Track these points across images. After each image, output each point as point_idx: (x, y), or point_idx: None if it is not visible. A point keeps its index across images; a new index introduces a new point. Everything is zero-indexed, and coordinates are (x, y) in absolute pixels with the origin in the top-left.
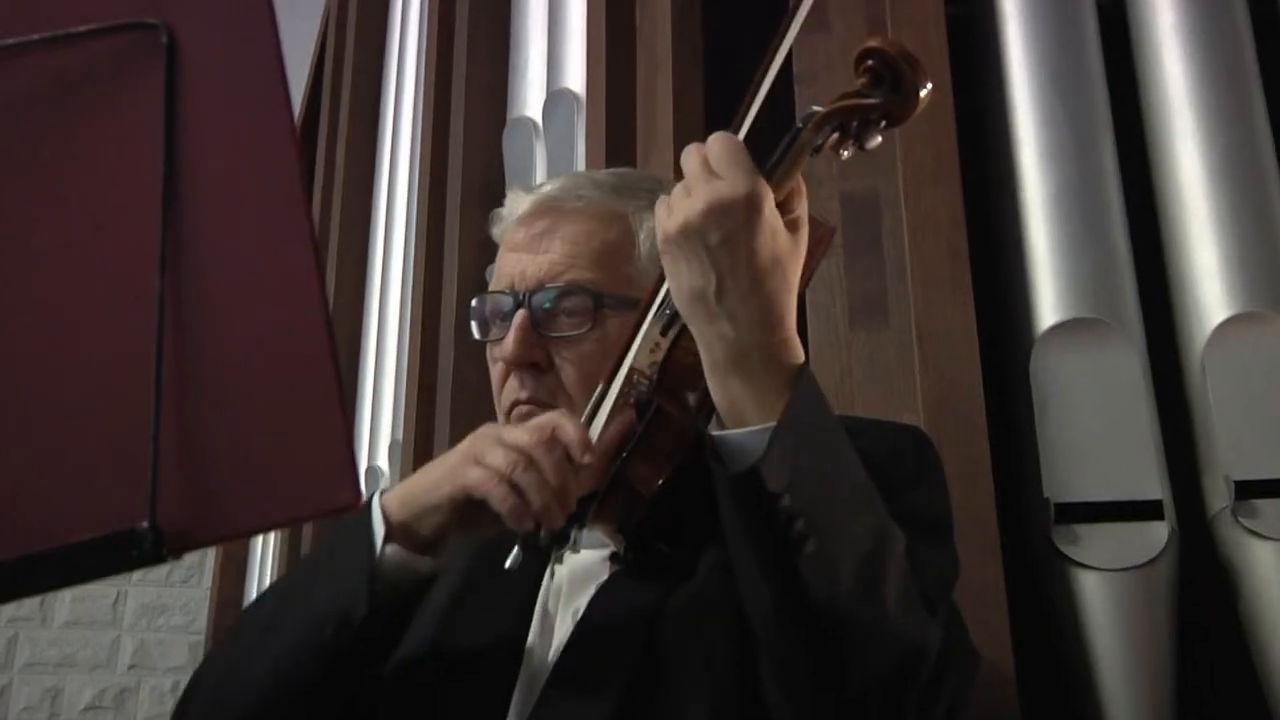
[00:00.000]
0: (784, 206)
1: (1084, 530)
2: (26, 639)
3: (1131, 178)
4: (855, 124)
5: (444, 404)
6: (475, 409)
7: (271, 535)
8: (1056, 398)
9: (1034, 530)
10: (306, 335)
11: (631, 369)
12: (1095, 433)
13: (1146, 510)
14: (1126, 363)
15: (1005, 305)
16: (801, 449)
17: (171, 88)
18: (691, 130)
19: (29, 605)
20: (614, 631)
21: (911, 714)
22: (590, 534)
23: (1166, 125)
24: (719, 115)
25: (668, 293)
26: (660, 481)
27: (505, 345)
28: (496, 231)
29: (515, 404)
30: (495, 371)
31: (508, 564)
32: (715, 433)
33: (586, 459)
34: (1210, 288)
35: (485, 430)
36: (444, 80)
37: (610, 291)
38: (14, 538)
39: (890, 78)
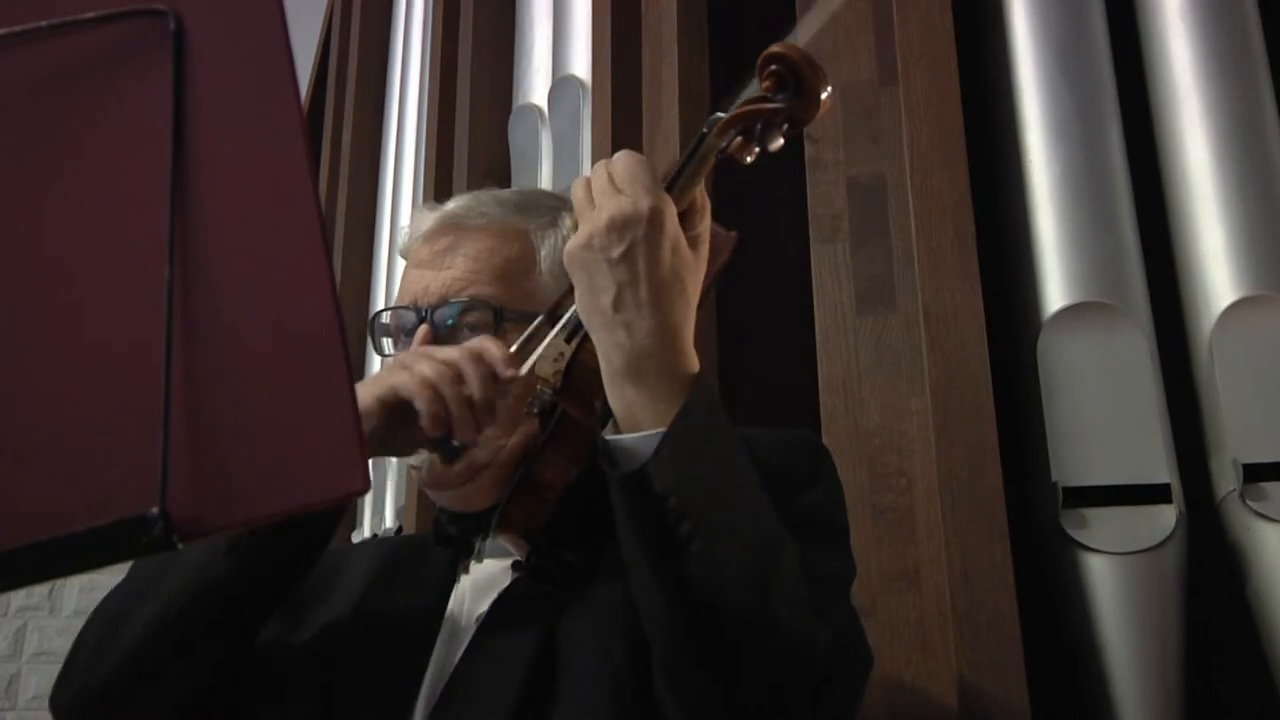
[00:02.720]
0: (686, 222)
1: (1092, 514)
2: (35, 628)
3: (1138, 161)
4: (759, 127)
5: None
6: None
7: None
8: (1064, 382)
9: (1042, 515)
10: (316, 321)
11: (535, 377)
12: (1103, 417)
13: (1155, 494)
14: (1134, 346)
15: (1012, 289)
16: (690, 453)
17: (180, 75)
18: (696, 117)
19: (37, 594)
20: (513, 636)
21: (798, 715)
22: (494, 543)
23: (1173, 108)
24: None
25: (570, 302)
26: (565, 485)
27: None
28: (401, 249)
29: None
30: None
31: (413, 462)
32: (608, 437)
33: (509, 373)
34: (1217, 271)
35: (414, 350)
36: (449, 66)
37: (511, 306)
38: (23, 524)
39: (794, 82)
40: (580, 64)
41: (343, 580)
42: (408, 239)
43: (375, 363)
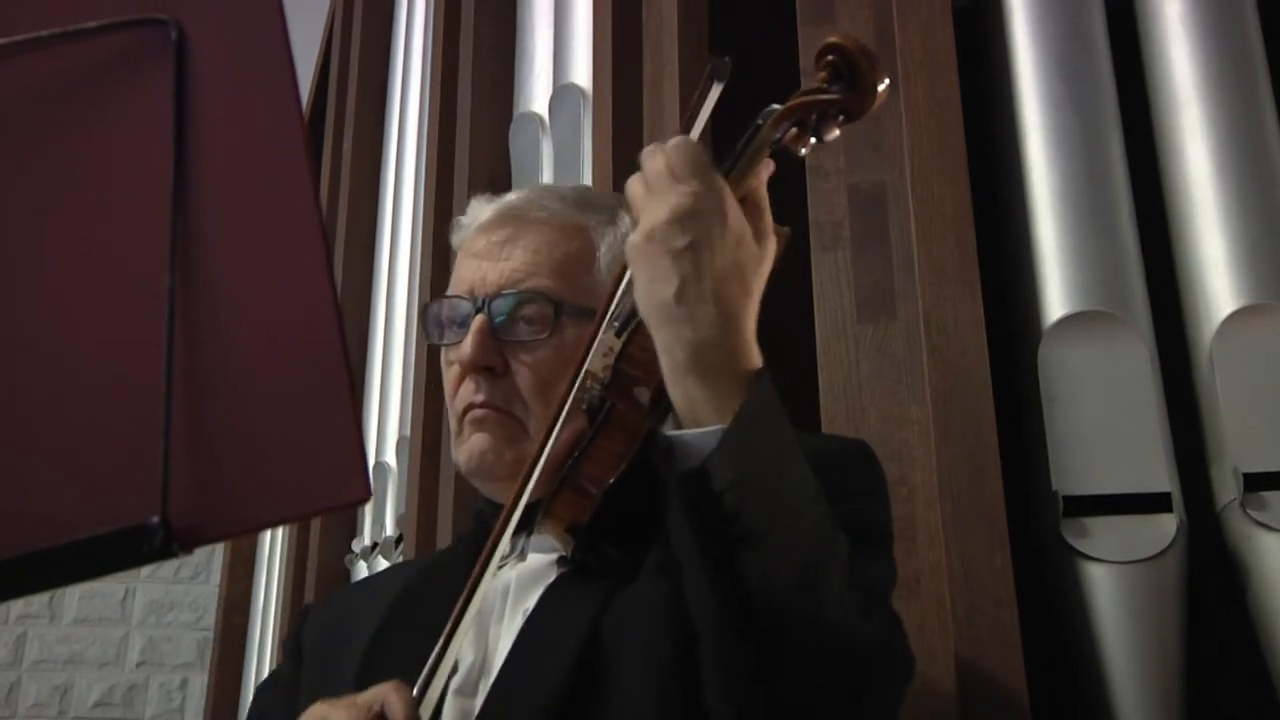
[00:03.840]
0: (750, 219)
1: (1092, 523)
2: (35, 636)
3: (1139, 170)
4: (814, 118)
5: None
6: None
7: (280, 531)
8: (1065, 390)
9: (1042, 523)
10: (317, 330)
11: (586, 373)
12: (1104, 425)
13: (1155, 503)
14: (1134, 355)
15: (1013, 298)
16: (749, 450)
17: (181, 84)
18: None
19: (38, 602)
20: (560, 630)
21: (843, 713)
22: (539, 539)
23: (1174, 117)
24: (725, 111)
25: (622, 297)
26: (611, 480)
27: (463, 348)
28: (456, 239)
29: (470, 407)
30: (450, 375)
31: None
32: (669, 432)
33: None
34: (1218, 279)
35: (313, 711)
36: (450, 75)
37: (570, 301)
38: (24, 533)
39: (849, 73)
40: (581, 72)
41: (355, 627)
42: (463, 230)
43: (376, 366)
